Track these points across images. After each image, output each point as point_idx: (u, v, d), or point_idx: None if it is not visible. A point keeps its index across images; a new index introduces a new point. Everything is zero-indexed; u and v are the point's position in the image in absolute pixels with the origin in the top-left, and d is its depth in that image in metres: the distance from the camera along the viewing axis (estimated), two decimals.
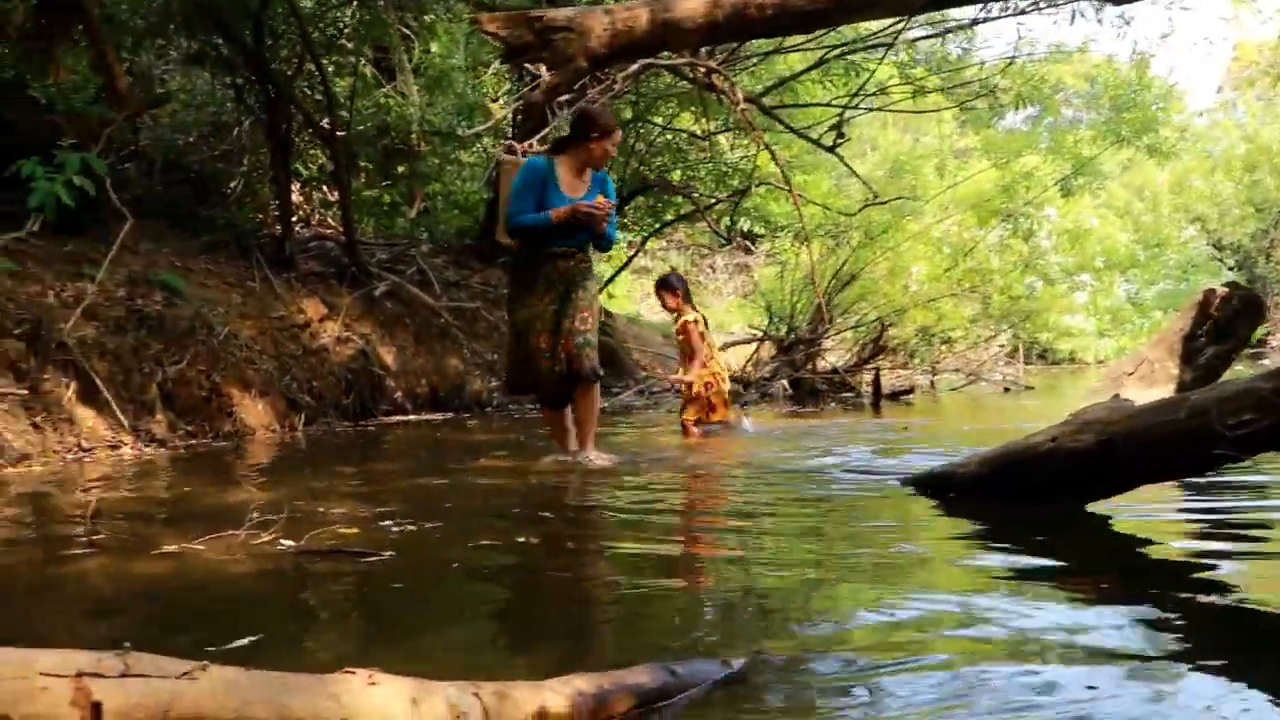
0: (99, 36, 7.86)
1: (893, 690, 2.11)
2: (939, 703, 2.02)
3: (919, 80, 10.76)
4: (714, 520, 4.54)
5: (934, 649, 2.38)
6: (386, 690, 1.63)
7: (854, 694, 2.10)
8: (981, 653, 2.34)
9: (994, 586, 3.00)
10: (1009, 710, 1.97)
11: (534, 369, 5.95)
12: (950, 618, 2.65)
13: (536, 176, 5.78)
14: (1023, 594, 2.88)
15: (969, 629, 2.55)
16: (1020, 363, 18.18)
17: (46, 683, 1.32)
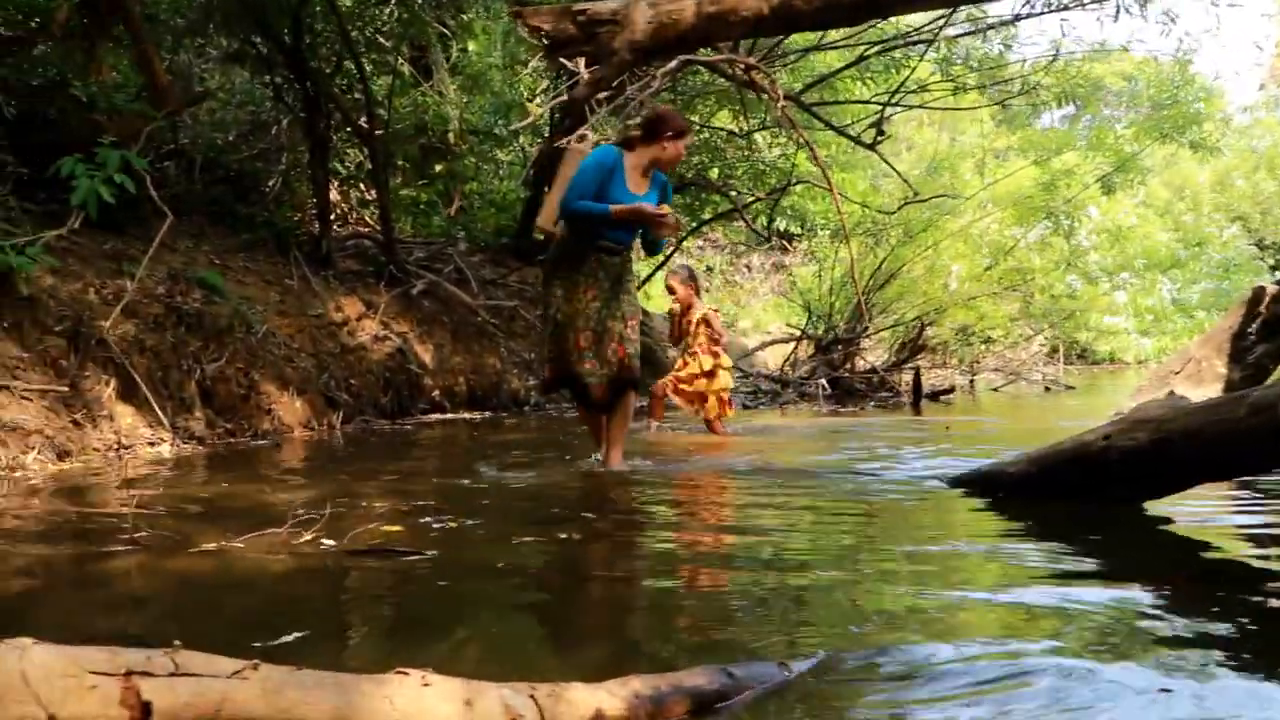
0: (140, 35, 7.87)
1: (953, 690, 2.04)
2: (1001, 705, 1.95)
3: (959, 78, 10.60)
4: (757, 518, 4.46)
5: (986, 647, 2.30)
6: (440, 691, 1.58)
7: (916, 694, 2.03)
8: (1035, 653, 2.26)
9: (1046, 585, 2.92)
10: (1071, 711, 1.90)
11: (568, 366, 5.72)
12: (1001, 617, 2.57)
13: (605, 166, 5.52)
14: (1078, 594, 2.80)
15: (1022, 628, 2.47)
16: (1060, 362, 17.99)
17: (95, 681, 1.27)
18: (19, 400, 6.31)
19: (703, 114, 12.89)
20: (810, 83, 10.29)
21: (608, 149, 5.65)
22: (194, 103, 8.96)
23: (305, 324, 9.03)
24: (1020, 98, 10.28)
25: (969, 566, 3.29)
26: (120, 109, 7.88)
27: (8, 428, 6.02)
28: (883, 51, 9.98)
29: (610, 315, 5.69)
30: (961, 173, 15.64)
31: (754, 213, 14.45)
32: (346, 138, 11.45)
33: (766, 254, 22.26)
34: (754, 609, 2.80)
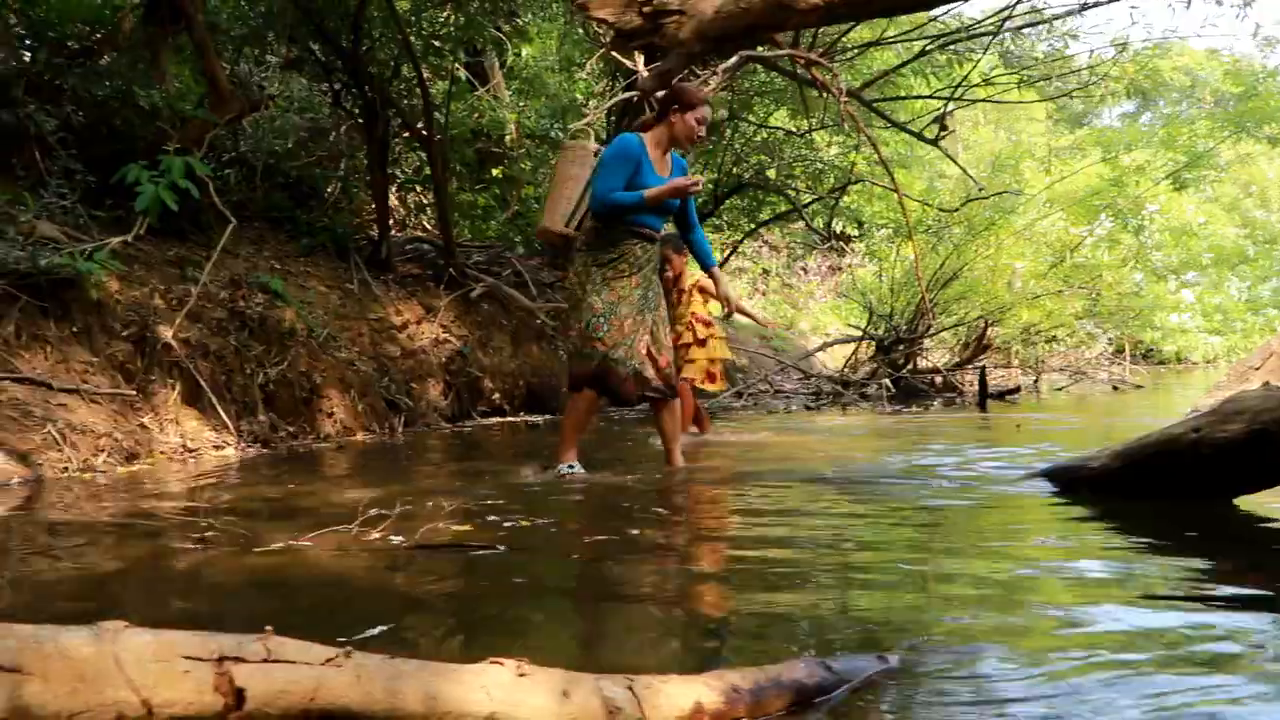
0: (203, 43, 7.93)
1: (1054, 689, 1.95)
2: (1100, 704, 1.86)
3: (1024, 71, 10.42)
4: (832, 514, 4.37)
5: (1077, 644, 2.21)
6: (536, 681, 1.51)
7: (1014, 690, 1.94)
8: (1124, 653, 2.16)
9: (1133, 585, 2.81)
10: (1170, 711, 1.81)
11: (603, 356, 5.44)
12: (1085, 615, 2.47)
13: (632, 154, 5.39)
14: (1168, 593, 2.69)
15: (1110, 626, 2.37)
16: (1126, 362, 17.69)
17: (188, 666, 1.22)
18: (88, 404, 6.36)
19: (760, 113, 12.80)
20: (870, 79, 10.17)
21: (628, 137, 5.53)
22: (255, 109, 9.00)
23: (366, 328, 9.04)
24: (1087, 90, 10.06)
25: (1057, 563, 3.18)
26: (184, 116, 7.94)
27: (78, 430, 6.06)
28: (944, 46, 9.83)
29: (648, 308, 5.60)
30: (1023, 170, 15.40)
31: (812, 213, 14.32)
32: (404, 142, 11.48)
33: (823, 256, 22.10)
34: (836, 604, 2.72)
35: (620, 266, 5.50)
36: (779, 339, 17.58)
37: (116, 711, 1.16)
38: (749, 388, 12.09)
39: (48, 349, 6.43)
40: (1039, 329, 14.44)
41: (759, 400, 11.61)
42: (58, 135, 7.43)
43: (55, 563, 3.36)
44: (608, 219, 5.47)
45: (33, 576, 3.19)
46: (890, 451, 6.78)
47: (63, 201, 7.20)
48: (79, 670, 1.15)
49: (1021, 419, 9.25)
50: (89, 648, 1.17)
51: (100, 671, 1.16)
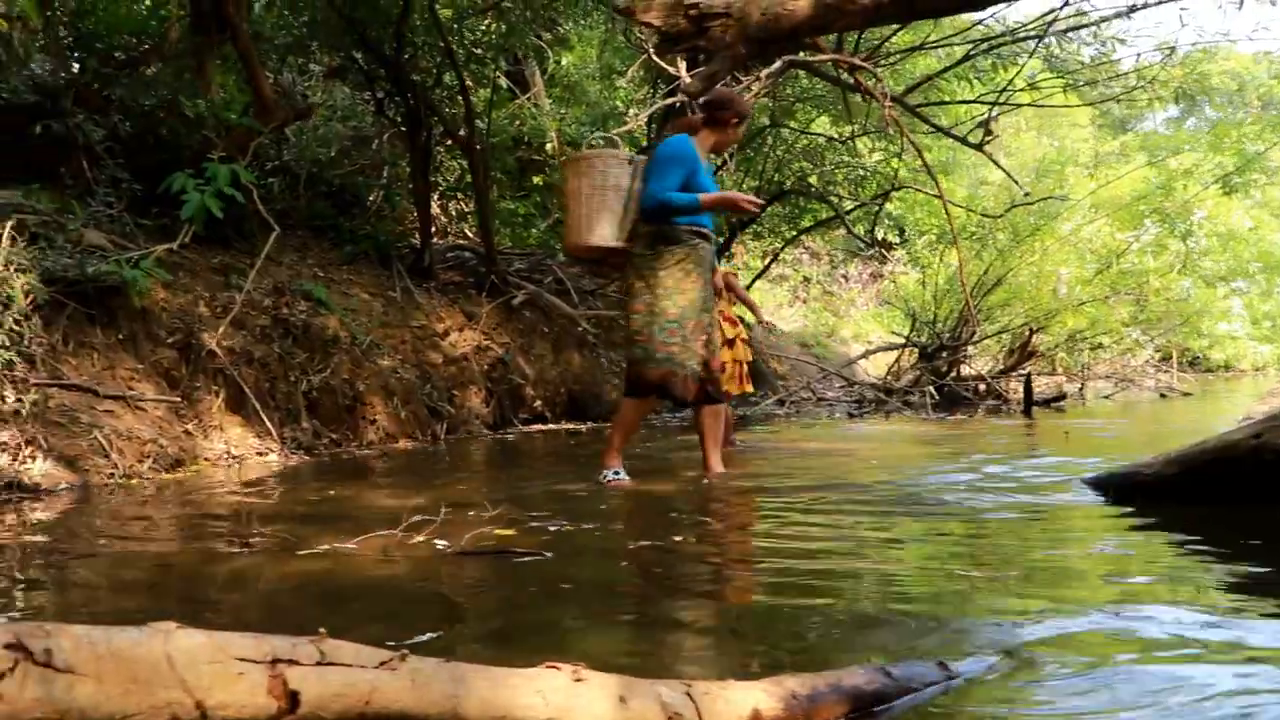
0: (248, 52, 7.98)
1: (1113, 698, 1.89)
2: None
3: (1071, 74, 10.30)
4: (881, 522, 4.31)
5: (1132, 651, 2.15)
6: (593, 686, 1.48)
7: (1073, 701, 1.89)
8: (1183, 663, 2.09)
9: (1191, 595, 2.74)
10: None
11: (670, 359, 5.38)
12: (1148, 624, 2.41)
13: (689, 156, 5.40)
14: (1229, 603, 2.62)
15: (1165, 634, 2.30)
16: (1173, 369, 17.47)
17: (242, 668, 1.20)
18: (134, 411, 6.40)
19: (801, 120, 12.74)
20: (914, 84, 10.09)
21: (683, 139, 5.51)
22: (300, 117, 9.06)
23: (408, 335, 9.07)
24: (1132, 96, 9.92)
25: (1119, 571, 3.11)
26: (228, 125, 7.99)
27: (124, 437, 6.09)
28: (989, 50, 9.74)
29: (707, 309, 5.54)
30: (1067, 176, 15.25)
31: (855, 219, 14.24)
32: (446, 150, 11.51)
33: (864, 263, 22.00)
34: (890, 612, 2.67)
35: (687, 266, 5.45)
36: (820, 346, 17.49)
37: (170, 713, 1.14)
38: (791, 395, 12.02)
39: (94, 356, 6.48)
40: (1084, 336, 14.28)
41: (801, 408, 11.54)
42: (105, 145, 7.51)
43: (101, 567, 3.37)
44: (663, 220, 5.41)
45: (79, 580, 3.20)
46: (937, 459, 6.71)
47: (109, 210, 7.26)
48: (132, 671, 1.13)
49: (1069, 426, 9.14)
50: (142, 648, 1.15)
51: (154, 673, 1.14)
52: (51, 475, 5.50)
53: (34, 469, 5.46)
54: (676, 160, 5.37)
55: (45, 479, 5.45)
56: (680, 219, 5.41)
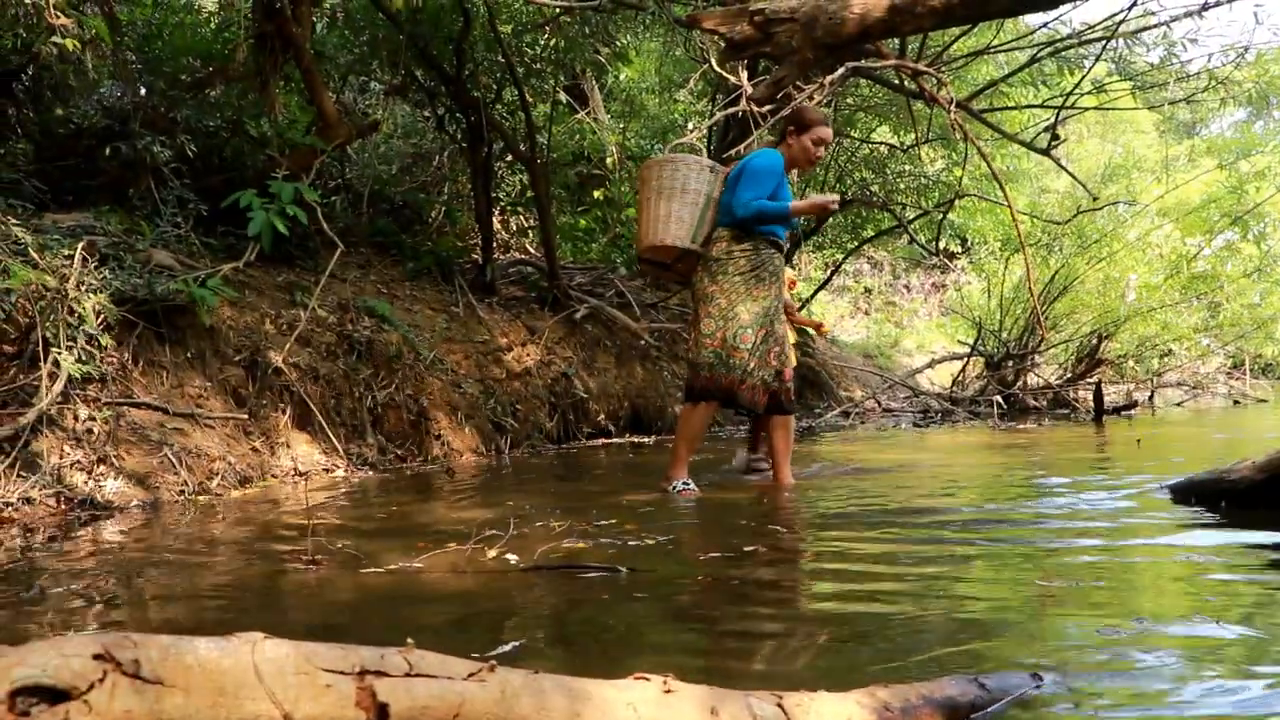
0: (311, 70, 8.06)
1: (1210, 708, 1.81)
2: None
3: (1139, 76, 10.11)
4: (957, 529, 4.22)
5: (1225, 663, 2.06)
6: (683, 698, 1.44)
7: (1171, 712, 1.81)
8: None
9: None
10: None
11: (743, 368, 5.47)
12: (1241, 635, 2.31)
13: (778, 169, 5.51)
14: None
15: (1257, 643, 2.21)
16: (1246, 376, 17.11)
17: (329, 680, 1.17)
18: (203, 428, 6.45)
19: (863, 129, 12.65)
20: (978, 89, 9.96)
21: (774, 153, 5.60)
22: (364, 134, 9.13)
23: (471, 350, 9.08)
24: (1204, 96, 9.71)
25: (1202, 579, 3.01)
26: (292, 143, 8.06)
27: (193, 454, 6.14)
28: (1055, 53, 9.59)
29: (778, 318, 5.62)
30: (1134, 181, 15.00)
31: (917, 228, 14.10)
32: (507, 166, 11.56)
33: (926, 274, 21.79)
34: (970, 622, 2.60)
35: (762, 275, 5.54)
36: (882, 356, 17.33)
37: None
38: (856, 406, 11.90)
39: (164, 374, 6.54)
40: (1154, 343, 14.02)
41: (866, 418, 11.42)
42: (172, 165, 7.59)
43: (172, 583, 3.38)
44: (744, 228, 5.53)
45: (154, 594, 3.20)
46: (1009, 467, 6.59)
47: (177, 230, 7.34)
48: (219, 683, 1.10)
49: (1140, 434, 8.95)
50: (229, 659, 1.12)
51: (241, 684, 1.11)
52: (124, 493, 5.55)
53: (106, 487, 5.52)
54: (769, 172, 5.47)
55: (117, 496, 5.50)
56: (762, 227, 5.52)
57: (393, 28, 8.86)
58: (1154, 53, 10.07)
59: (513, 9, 9.39)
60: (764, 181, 5.45)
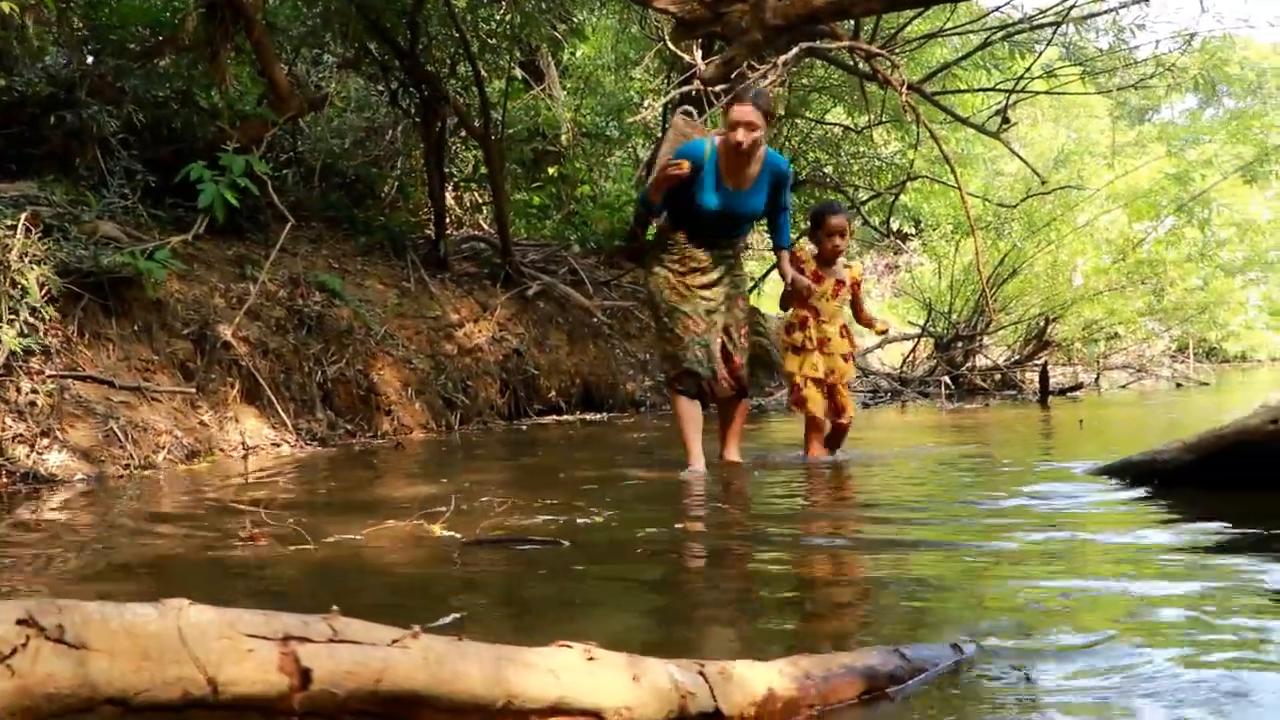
0: (262, 42, 7.98)
1: (1123, 680, 1.87)
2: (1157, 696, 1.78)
3: (1088, 62, 10.22)
4: (891, 505, 4.28)
5: (1146, 633, 2.13)
6: (605, 665, 1.47)
7: (1089, 681, 1.87)
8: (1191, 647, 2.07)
9: (1205, 576, 2.71)
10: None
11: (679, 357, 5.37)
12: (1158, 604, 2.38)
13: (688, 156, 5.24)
14: (1236, 583, 2.59)
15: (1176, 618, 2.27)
16: (1190, 360, 17.37)
17: (253, 645, 1.19)
18: (150, 402, 6.40)
19: (818, 110, 12.70)
20: (930, 72, 10.03)
21: (691, 144, 5.36)
22: (315, 107, 9.06)
23: (423, 326, 9.06)
24: (1152, 82, 9.83)
25: (1123, 557, 3.09)
26: (243, 115, 7.99)
27: (139, 428, 6.11)
28: (1006, 38, 9.67)
29: (719, 310, 5.45)
30: (1085, 166, 15.17)
31: (870, 210, 14.19)
32: (461, 141, 11.51)
33: (879, 254, 21.91)
34: (905, 595, 2.66)
35: (683, 267, 5.40)
36: None
37: (182, 689, 1.14)
38: None
39: (110, 347, 6.49)
40: (1100, 326, 14.21)
41: None
42: (119, 136, 7.51)
43: (114, 554, 3.38)
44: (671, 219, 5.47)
45: (92, 566, 3.20)
46: (951, 446, 6.69)
47: (124, 201, 7.26)
48: (144, 647, 1.13)
49: (1084, 415, 9.09)
50: (154, 625, 1.15)
51: (165, 648, 1.14)
52: (67, 466, 5.52)
53: (49, 460, 5.48)
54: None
55: (61, 470, 5.46)
56: (680, 223, 5.42)
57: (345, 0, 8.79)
58: (1103, 39, 10.17)
59: None
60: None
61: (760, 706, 1.60)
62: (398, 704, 1.28)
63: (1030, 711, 1.77)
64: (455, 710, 1.32)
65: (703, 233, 5.39)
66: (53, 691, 1.07)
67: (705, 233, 5.40)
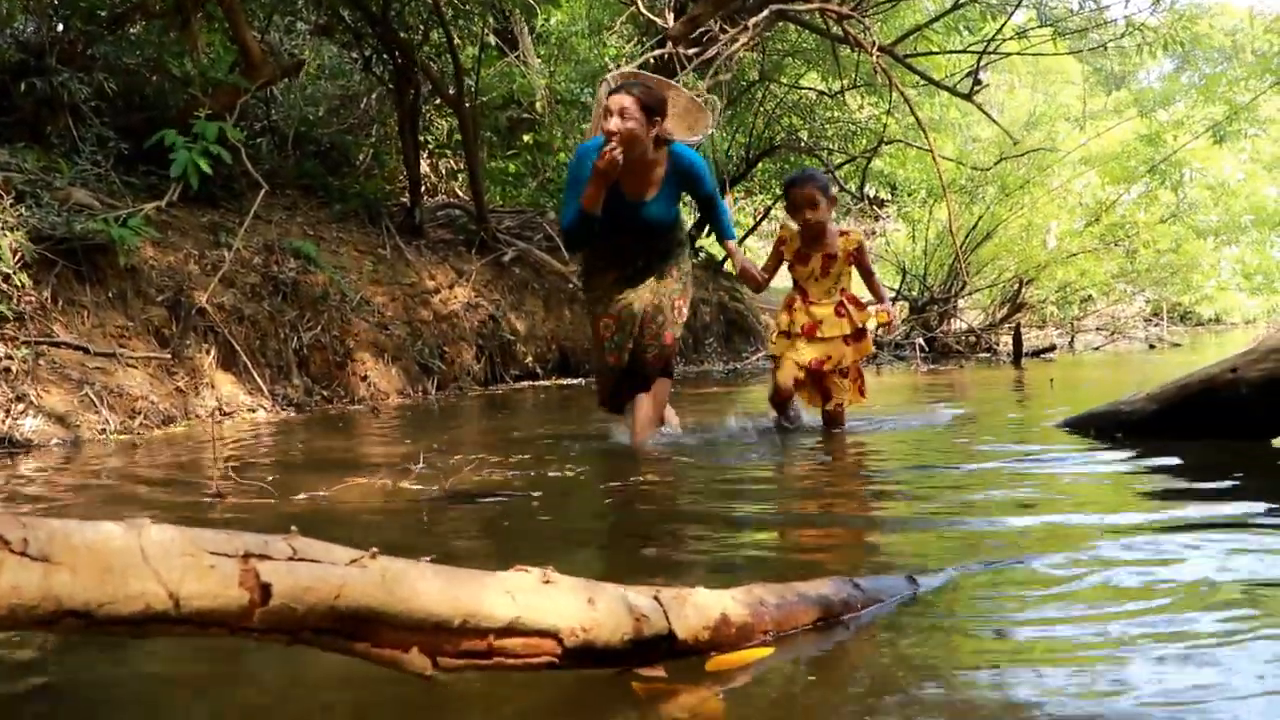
0: (233, 9, 7.94)
1: (1075, 628, 1.93)
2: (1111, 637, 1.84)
3: (1059, 22, 10.26)
4: (861, 449, 4.35)
5: (1100, 573, 2.19)
6: (561, 588, 1.52)
7: (1034, 614, 1.93)
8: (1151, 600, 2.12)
9: (1164, 526, 2.76)
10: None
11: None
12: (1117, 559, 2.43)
13: (577, 170, 4.66)
14: (1199, 534, 2.64)
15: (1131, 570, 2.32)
16: (1164, 323, 17.52)
17: (214, 561, 1.23)
18: (125, 368, 6.41)
19: (791, 75, 12.70)
20: (904, 34, 10.05)
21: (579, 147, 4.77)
22: (289, 74, 9.02)
23: (399, 293, 9.08)
24: (1123, 44, 9.87)
25: (1080, 495, 3.15)
26: (215, 82, 7.96)
27: (114, 394, 6.12)
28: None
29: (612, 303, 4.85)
30: (1058, 130, 15.24)
31: (845, 175, 14.23)
32: (436, 109, 11.48)
33: (857, 221, 21.96)
34: (864, 538, 2.71)
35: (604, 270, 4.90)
36: None
37: (144, 602, 1.17)
38: None
39: (84, 314, 6.49)
40: (1074, 289, 14.31)
41: None
42: (90, 103, 7.48)
43: (83, 513, 3.40)
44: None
45: None
46: (922, 403, 6.76)
47: (97, 168, 7.24)
48: (106, 562, 1.16)
49: (1055, 375, 9.18)
50: (116, 541, 1.18)
51: (127, 564, 1.17)
52: (43, 431, 5.54)
53: (25, 425, 5.50)
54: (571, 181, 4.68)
55: (36, 434, 5.48)
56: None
57: None
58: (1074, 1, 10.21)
59: None
60: (570, 186, 4.65)
61: (714, 630, 1.65)
62: (357, 621, 1.32)
63: (983, 628, 1.83)
64: (413, 628, 1.36)
65: (608, 254, 4.82)
66: (17, 602, 1.11)
67: (611, 254, 4.81)
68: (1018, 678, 1.59)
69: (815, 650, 1.76)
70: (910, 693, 1.55)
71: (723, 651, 1.66)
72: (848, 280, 5.14)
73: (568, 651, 1.49)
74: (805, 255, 5.06)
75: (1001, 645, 1.77)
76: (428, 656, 1.39)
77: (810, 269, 5.06)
